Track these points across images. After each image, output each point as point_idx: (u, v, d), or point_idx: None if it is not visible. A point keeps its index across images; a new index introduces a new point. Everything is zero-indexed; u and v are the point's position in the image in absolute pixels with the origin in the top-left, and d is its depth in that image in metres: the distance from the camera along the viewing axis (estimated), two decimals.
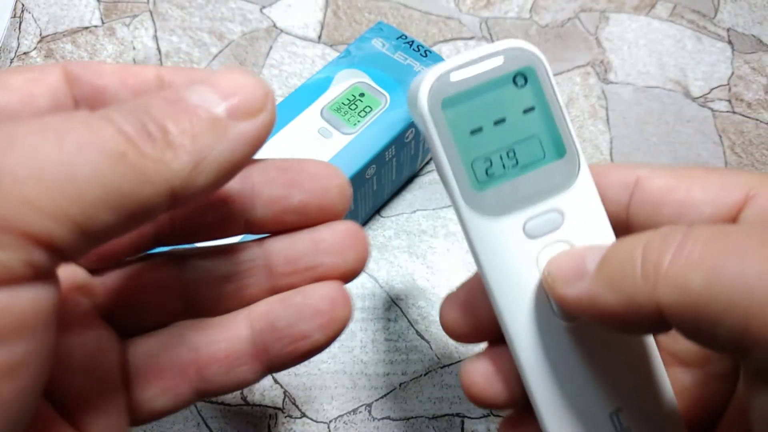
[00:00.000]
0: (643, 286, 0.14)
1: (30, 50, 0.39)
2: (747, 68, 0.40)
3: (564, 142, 0.18)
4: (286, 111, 0.30)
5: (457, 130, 0.18)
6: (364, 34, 0.33)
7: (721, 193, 0.17)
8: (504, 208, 0.18)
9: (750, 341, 0.13)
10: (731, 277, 0.13)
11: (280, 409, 0.29)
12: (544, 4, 0.42)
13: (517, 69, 0.18)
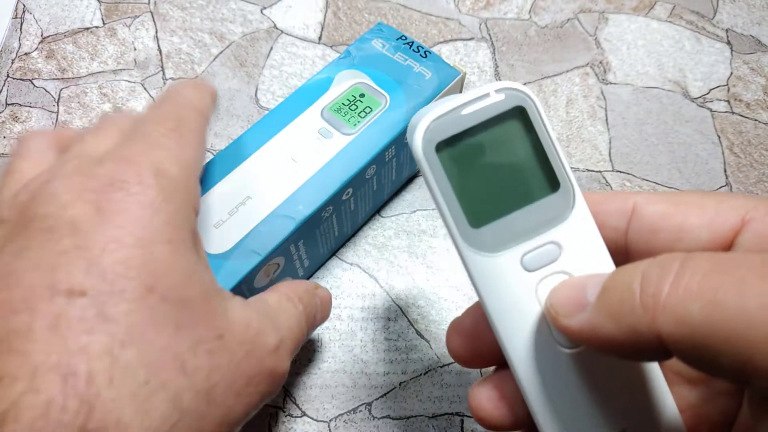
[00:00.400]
0: (643, 317, 0.14)
1: (31, 51, 0.40)
2: (746, 69, 0.40)
3: (558, 176, 0.18)
4: (286, 111, 0.30)
5: (452, 171, 0.18)
6: (364, 35, 0.33)
7: (717, 218, 0.17)
8: (501, 244, 0.18)
9: (751, 372, 0.13)
10: (731, 310, 0.13)
11: (280, 408, 0.30)
12: (543, 4, 0.43)
13: (509, 108, 0.18)
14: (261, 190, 0.28)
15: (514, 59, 0.40)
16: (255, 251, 0.26)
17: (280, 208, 0.27)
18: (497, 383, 0.20)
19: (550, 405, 0.18)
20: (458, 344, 0.21)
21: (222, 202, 0.27)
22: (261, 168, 0.28)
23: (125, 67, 0.39)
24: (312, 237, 0.29)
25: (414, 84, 0.31)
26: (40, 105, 0.38)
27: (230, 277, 0.26)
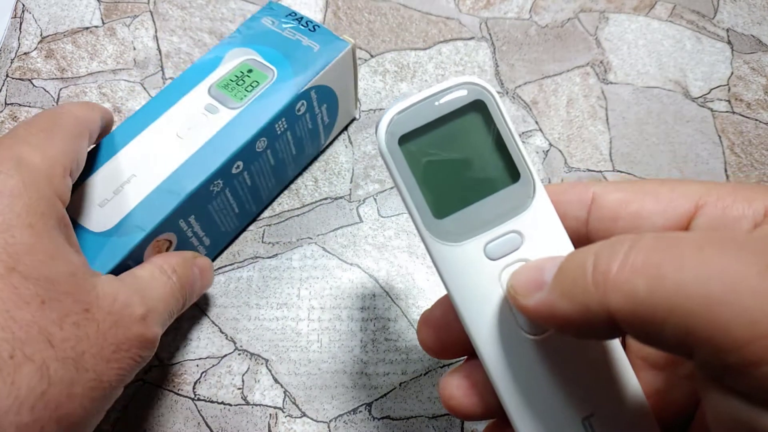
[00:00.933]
0: (594, 294, 0.15)
1: (30, 50, 0.39)
2: (746, 68, 0.40)
3: (518, 167, 0.19)
4: (173, 92, 0.30)
5: (415, 164, 0.19)
6: (255, 14, 0.33)
7: (671, 205, 0.18)
8: (465, 233, 0.19)
9: (692, 342, 0.13)
10: (671, 283, 0.13)
11: (280, 409, 0.29)
12: (543, 4, 0.43)
13: (469, 102, 0.19)
14: (146, 167, 0.28)
15: (514, 59, 0.40)
16: (139, 227, 0.27)
17: (165, 183, 0.28)
18: (467, 373, 0.20)
19: (518, 392, 0.19)
20: (428, 336, 0.21)
21: (106, 182, 0.28)
22: (146, 147, 0.29)
23: (125, 66, 0.39)
24: (205, 213, 0.29)
25: (302, 57, 0.31)
26: (39, 105, 0.38)
27: (114, 253, 0.26)
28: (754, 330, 0.12)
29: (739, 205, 0.17)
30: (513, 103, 0.38)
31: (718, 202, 0.18)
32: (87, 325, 0.21)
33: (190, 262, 0.28)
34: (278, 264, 0.33)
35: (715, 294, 0.13)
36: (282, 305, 0.32)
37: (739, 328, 0.12)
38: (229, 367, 0.30)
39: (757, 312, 0.12)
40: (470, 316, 0.19)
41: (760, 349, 0.12)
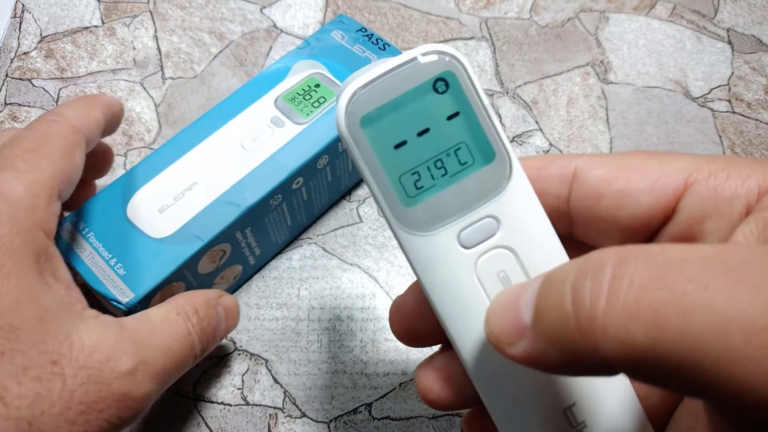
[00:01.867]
0: (584, 343, 0.13)
1: (30, 50, 0.39)
2: (747, 68, 0.40)
3: (492, 145, 0.17)
4: (240, 99, 0.30)
5: (380, 147, 0.17)
6: (325, 26, 0.33)
7: (659, 181, 0.17)
8: (436, 221, 0.17)
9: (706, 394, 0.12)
10: (676, 333, 0.11)
11: (280, 409, 0.29)
12: (543, 4, 0.43)
13: (437, 74, 0.17)
14: (208, 176, 0.28)
15: (514, 59, 0.40)
16: (197, 236, 0.26)
17: (226, 194, 0.27)
18: (443, 363, 0.19)
19: (496, 384, 0.18)
20: (400, 324, 0.20)
21: (168, 188, 0.27)
22: (210, 154, 0.28)
23: (124, 66, 0.39)
24: (261, 225, 0.29)
25: None
26: (39, 105, 0.38)
27: (171, 261, 0.26)
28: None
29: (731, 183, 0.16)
30: (513, 103, 0.38)
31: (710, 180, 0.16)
32: (51, 380, 0.18)
33: (214, 302, 0.25)
34: (278, 264, 0.33)
35: (735, 348, 0.11)
36: (282, 305, 0.32)
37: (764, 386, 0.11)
38: (229, 367, 0.30)
39: None
40: (445, 309, 0.18)
41: None
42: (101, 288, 0.25)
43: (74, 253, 0.26)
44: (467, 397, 0.19)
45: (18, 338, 0.18)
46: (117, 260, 0.26)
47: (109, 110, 0.26)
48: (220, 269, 0.29)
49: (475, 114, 0.17)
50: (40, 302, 0.19)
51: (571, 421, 0.18)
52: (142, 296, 0.25)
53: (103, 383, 0.19)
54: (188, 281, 0.27)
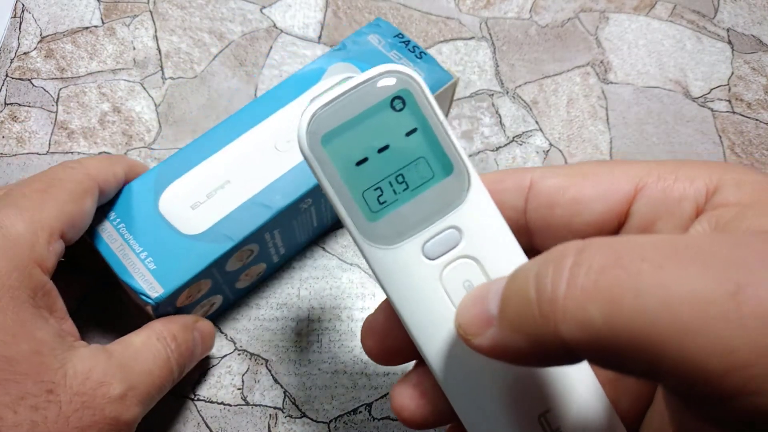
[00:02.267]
0: (545, 327, 0.13)
1: (30, 50, 0.39)
2: (747, 68, 0.40)
3: (450, 158, 0.18)
4: (275, 99, 0.30)
5: (342, 164, 0.18)
6: (361, 29, 0.33)
7: (611, 188, 0.17)
8: (400, 234, 0.18)
9: (660, 372, 0.12)
10: (631, 310, 0.12)
11: (280, 409, 0.29)
12: (543, 4, 0.42)
13: (393, 93, 0.18)
14: (241, 175, 0.28)
15: (514, 59, 0.40)
16: (228, 237, 0.27)
17: (258, 196, 0.27)
18: (417, 380, 0.19)
19: (469, 396, 0.18)
20: (372, 343, 0.20)
21: (201, 184, 0.28)
22: (244, 153, 0.28)
23: (124, 66, 0.39)
24: (289, 227, 0.29)
25: None
26: (39, 105, 0.37)
27: (201, 259, 0.26)
28: (730, 360, 0.11)
29: (680, 185, 0.16)
30: (513, 103, 0.38)
31: (659, 183, 0.17)
32: (47, 407, 0.19)
33: (190, 327, 0.26)
34: None
35: (684, 322, 0.11)
36: (282, 305, 0.32)
37: (713, 359, 0.11)
38: (228, 367, 0.30)
39: (733, 340, 0.11)
40: (413, 321, 0.18)
41: (737, 380, 0.11)
42: (131, 281, 0.25)
43: (105, 243, 0.26)
44: (443, 414, 0.19)
45: (13, 369, 0.19)
46: (148, 254, 0.26)
47: (132, 170, 0.27)
48: (246, 267, 0.29)
49: (432, 129, 0.18)
50: (35, 335, 0.20)
51: (545, 428, 0.18)
52: (171, 292, 0.25)
53: (96, 408, 0.20)
54: (215, 279, 0.28)
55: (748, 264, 0.12)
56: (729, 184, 0.16)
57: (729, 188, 0.16)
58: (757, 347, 0.11)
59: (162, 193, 0.27)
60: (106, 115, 0.37)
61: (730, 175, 0.16)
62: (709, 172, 0.16)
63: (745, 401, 0.11)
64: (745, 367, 0.11)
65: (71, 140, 0.36)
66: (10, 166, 0.35)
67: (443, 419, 0.19)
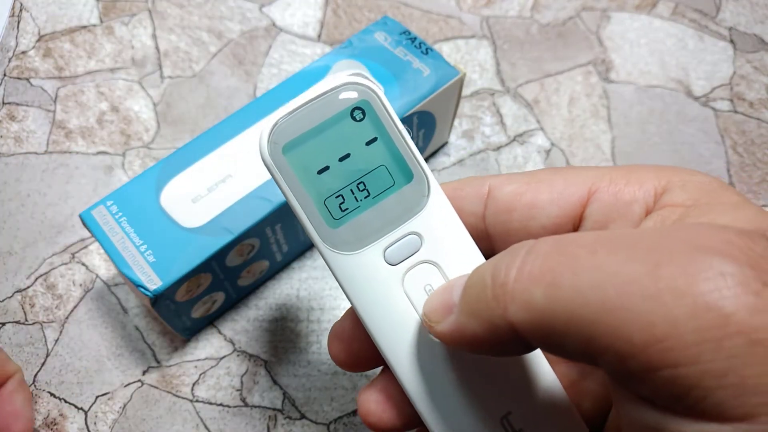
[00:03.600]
0: (496, 309, 0.14)
1: (28, 49, 0.39)
2: (749, 67, 0.40)
3: (410, 166, 0.18)
4: (280, 95, 0.30)
5: (303, 173, 0.18)
6: (369, 26, 0.33)
7: (565, 193, 0.18)
8: (362, 240, 0.18)
9: (594, 350, 0.13)
10: (567, 290, 0.13)
11: (279, 411, 0.29)
12: (545, 2, 0.42)
13: (353, 104, 0.18)
14: (243, 169, 0.28)
15: (515, 57, 0.40)
16: (228, 230, 0.27)
17: (259, 189, 0.27)
18: (383, 386, 0.20)
19: (432, 399, 0.18)
20: (339, 350, 0.20)
21: (203, 178, 0.28)
22: (246, 148, 0.28)
23: (123, 65, 0.39)
24: (291, 222, 0.29)
25: (411, 80, 0.31)
26: (37, 104, 0.37)
27: (200, 252, 0.26)
28: (651, 334, 0.12)
29: (630, 188, 0.17)
30: (514, 103, 0.38)
31: (611, 187, 0.18)
32: None
33: None
34: None
35: (611, 299, 0.12)
36: (281, 306, 0.32)
37: (636, 332, 0.12)
38: (227, 368, 0.30)
39: (650, 315, 0.12)
40: (376, 326, 0.18)
41: (657, 353, 0.12)
42: (130, 273, 0.25)
43: (106, 236, 0.26)
44: (408, 419, 0.19)
45: None
46: (147, 247, 0.26)
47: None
48: (247, 263, 0.29)
49: (392, 139, 0.18)
50: None
51: (508, 429, 0.18)
52: (170, 285, 0.25)
53: None
54: (216, 273, 0.28)
55: (668, 247, 0.13)
56: (676, 186, 0.17)
57: (675, 190, 0.17)
58: (673, 321, 0.12)
59: (164, 187, 0.27)
60: (105, 115, 0.37)
61: (677, 178, 0.17)
62: (658, 175, 0.17)
63: (666, 373, 0.12)
64: (663, 340, 0.12)
65: (69, 140, 0.36)
66: (8, 166, 0.35)
67: (409, 424, 0.19)
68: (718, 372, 0.12)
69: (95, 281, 0.32)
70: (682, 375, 0.12)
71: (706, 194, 0.16)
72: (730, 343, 0.12)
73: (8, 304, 0.31)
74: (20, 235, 0.33)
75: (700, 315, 0.12)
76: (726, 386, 0.12)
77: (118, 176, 0.35)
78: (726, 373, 0.12)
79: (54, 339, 0.31)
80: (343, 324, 0.20)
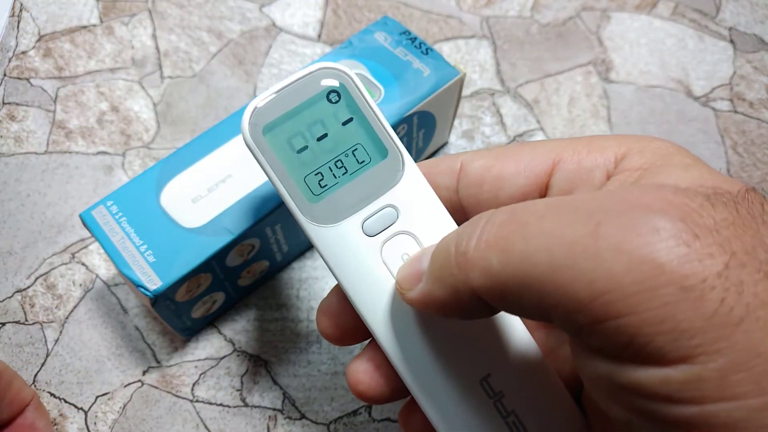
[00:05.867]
0: (459, 275, 0.15)
1: (28, 49, 0.39)
2: (749, 67, 0.40)
3: (384, 143, 0.20)
4: None
5: (283, 152, 0.19)
6: (369, 26, 0.33)
7: (531, 164, 0.19)
8: (341, 213, 0.19)
9: (546, 309, 0.14)
10: (518, 254, 0.14)
11: (279, 411, 0.29)
12: (545, 2, 0.42)
13: (329, 87, 0.20)
14: (243, 170, 0.28)
15: (515, 57, 0.40)
16: (228, 230, 0.27)
17: (259, 189, 0.28)
18: (370, 356, 0.20)
19: (414, 365, 0.19)
20: (327, 324, 0.21)
21: (203, 178, 0.28)
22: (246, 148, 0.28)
23: (123, 65, 0.39)
24: (291, 222, 0.29)
25: (411, 80, 0.31)
26: (37, 104, 0.37)
27: (200, 252, 0.26)
28: (593, 289, 0.13)
29: (592, 156, 0.18)
30: (514, 103, 0.38)
31: (574, 156, 0.18)
32: None
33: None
34: None
35: (557, 260, 0.13)
36: (281, 306, 0.32)
37: (580, 289, 0.13)
38: (228, 368, 0.30)
39: (592, 272, 0.13)
40: (358, 296, 0.19)
41: (600, 306, 0.13)
42: (130, 273, 0.25)
43: (106, 236, 0.26)
44: (396, 388, 0.20)
45: None
46: (147, 247, 0.26)
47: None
48: (247, 263, 0.29)
49: (367, 118, 0.20)
50: None
51: (488, 392, 0.19)
52: (170, 285, 0.25)
53: None
54: (216, 273, 0.28)
55: (608, 208, 0.14)
56: (634, 152, 0.18)
57: (634, 155, 0.17)
58: (612, 276, 0.13)
59: (164, 187, 0.27)
60: (105, 115, 0.37)
61: (637, 144, 0.18)
62: (619, 143, 0.18)
63: (610, 324, 0.13)
64: (604, 294, 0.13)
65: (69, 140, 0.36)
66: (8, 166, 0.35)
67: (398, 392, 0.20)
68: (655, 319, 0.12)
69: (95, 281, 0.32)
70: (624, 324, 0.13)
71: (660, 158, 0.17)
72: (664, 291, 0.12)
73: (8, 304, 0.31)
74: (20, 235, 0.33)
75: (635, 268, 0.13)
76: (664, 332, 0.12)
77: (118, 176, 0.35)
78: (662, 320, 0.12)
79: (54, 339, 0.31)
80: (330, 300, 0.21)
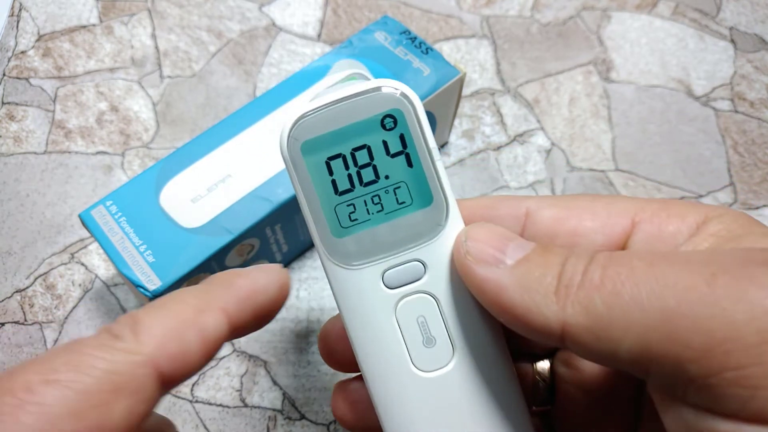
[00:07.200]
0: (554, 303, 0.15)
1: (28, 49, 0.39)
2: (749, 67, 0.40)
3: (432, 190, 0.17)
4: (279, 95, 0.30)
5: (317, 174, 0.17)
6: (369, 26, 0.33)
7: (609, 221, 0.18)
8: (364, 256, 0.17)
9: (650, 358, 0.13)
10: (627, 298, 0.14)
11: (279, 411, 0.29)
12: (545, 2, 0.42)
13: (386, 110, 0.17)
14: (242, 169, 0.28)
15: (515, 57, 0.40)
16: (227, 229, 0.27)
17: (259, 189, 0.27)
18: (354, 388, 0.20)
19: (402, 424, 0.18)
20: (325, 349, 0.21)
21: (202, 178, 0.28)
22: (246, 148, 0.28)
23: (122, 65, 0.39)
24: (290, 222, 0.29)
25: (411, 79, 0.31)
26: (36, 104, 0.37)
27: (199, 252, 0.26)
28: (711, 339, 0.12)
29: (673, 221, 0.18)
30: (515, 102, 0.38)
31: (654, 219, 0.18)
32: None
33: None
34: None
35: (671, 306, 0.13)
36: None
37: (696, 338, 0.13)
38: (227, 368, 0.30)
39: (710, 320, 0.13)
40: (361, 346, 0.18)
41: (719, 356, 0.12)
42: (130, 273, 0.25)
43: (105, 236, 0.26)
44: (369, 426, 0.20)
45: None
46: (147, 247, 0.26)
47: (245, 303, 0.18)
48: (247, 263, 0.29)
49: (419, 156, 0.17)
50: None
51: None
52: (169, 285, 0.25)
53: None
54: (214, 272, 0.27)
55: (720, 261, 0.14)
56: (714, 219, 0.17)
57: (713, 222, 0.17)
58: (732, 325, 0.12)
59: (163, 187, 0.27)
60: (104, 115, 0.37)
61: (714, 212, 0.18)
62: (696, 210, 0.18)
63: (729, 375, 0.12)
64: (723, 343, 0.12)
65: (68, 139, 0.36)
66: (7, 166, 0.35)
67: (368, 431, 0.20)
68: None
69: (94, 281, 0.32)
70: (747, 376, 0.12)
71: (740, 226, 0.17)
72: None
73: (7, 304, 0.31)
74: (19, 235, 0.33)
75: (759, 317, 0.12)
76: None
77: (117, 176, 0.35)
78: None
79: (53, 339, 0.31)
80: (335, 324, 0.21)
